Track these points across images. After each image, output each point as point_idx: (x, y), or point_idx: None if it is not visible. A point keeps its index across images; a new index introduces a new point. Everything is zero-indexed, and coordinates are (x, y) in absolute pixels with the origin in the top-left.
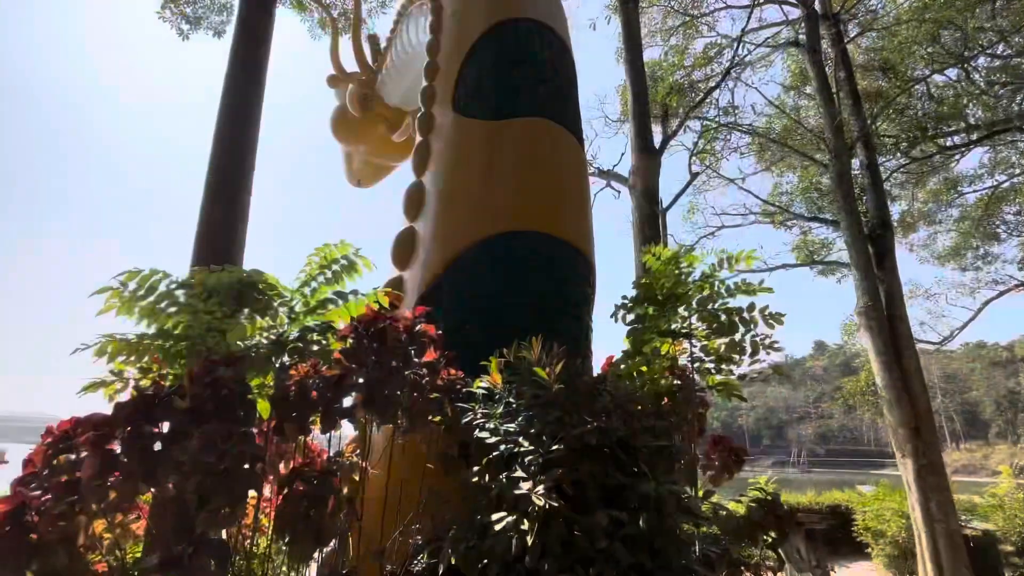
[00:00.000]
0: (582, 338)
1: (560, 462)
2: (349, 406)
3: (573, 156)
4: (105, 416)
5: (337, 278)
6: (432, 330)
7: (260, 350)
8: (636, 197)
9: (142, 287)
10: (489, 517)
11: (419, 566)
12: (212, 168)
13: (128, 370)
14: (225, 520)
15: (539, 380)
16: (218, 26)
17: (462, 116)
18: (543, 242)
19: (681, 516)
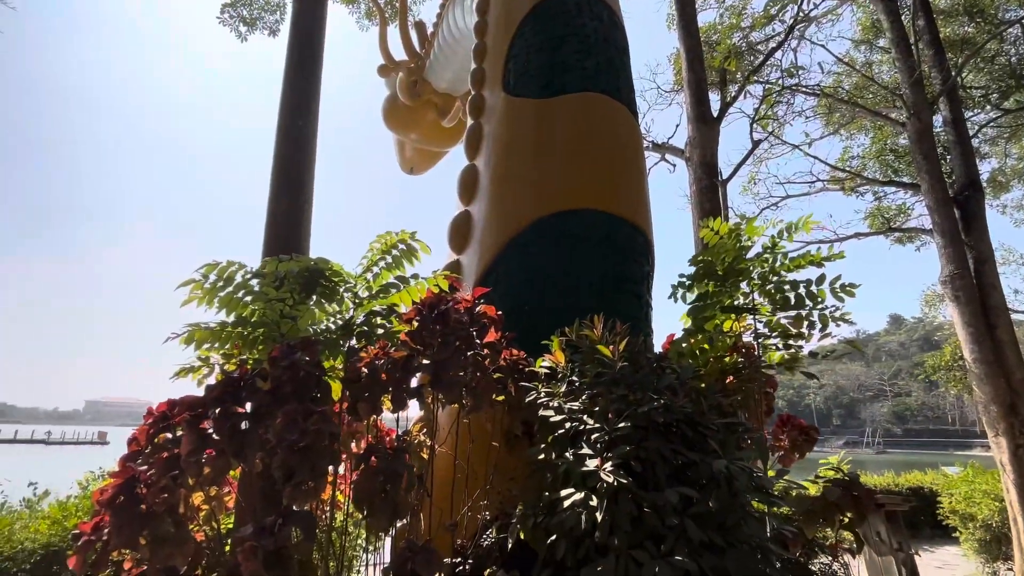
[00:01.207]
0: (642, 317)
1: (627, 439)
2: (417, 386)
3: (627, 130)
4: (197, 398)
5: (397, 263)
6: (492, 311)
7: (330, 334)
8: (693, 169)
9: (221, 278)
10: (556, 494)
11: (488, 541)
12: (276, 162)
13: (213, 356)
14: (308, 494)
15: (602, 358)
16: (273, 25)
17: (512, 96)
18: (599, 220)
19: (753, 494)
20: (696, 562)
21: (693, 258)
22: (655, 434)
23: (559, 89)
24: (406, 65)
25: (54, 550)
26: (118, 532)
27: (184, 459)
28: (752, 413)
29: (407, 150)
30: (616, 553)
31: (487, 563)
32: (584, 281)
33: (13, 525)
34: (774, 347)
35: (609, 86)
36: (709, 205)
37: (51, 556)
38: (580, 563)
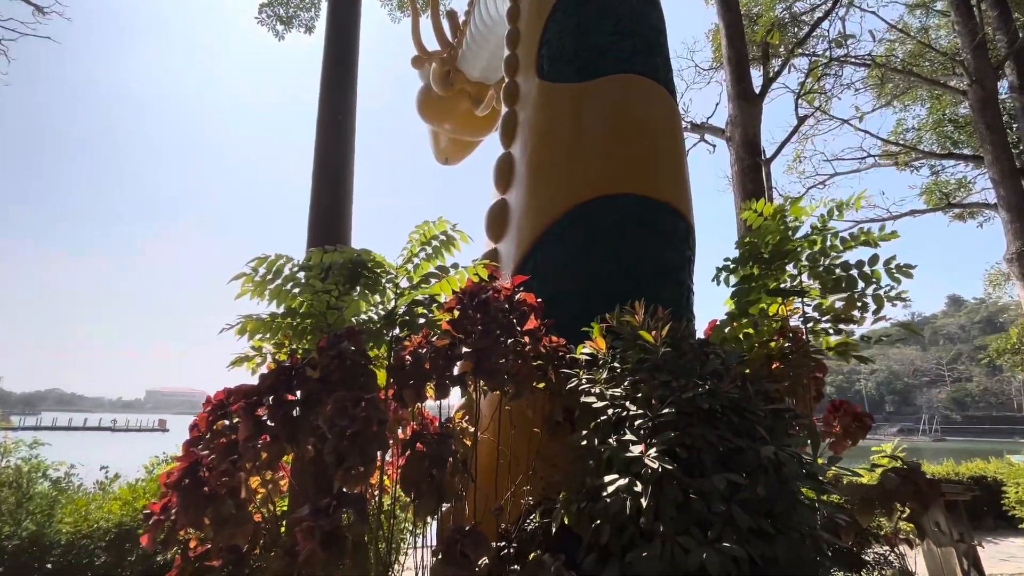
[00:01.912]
0: (683, 302)
1: (671, 426)
2: (460, 373)
3: (665, 111)
4: (252, 386)
5: (437, 253)
6: (532, 299)
7: (373, 324)
8: (735, 149)
9: (270, 271)
10: (600, 480)
11: (531, 525)
12: (317, 157)
13: (265, 346)
14: (359, 478)
15: (644, 344)
16: (308, 22)
17: (547, 82)
18: (638, 204)
19: (803, 481)
20: (745, 549)
21: (739, 240)
22: (700, 420)
23: (595, 72)
24: (439, 55)
25: (126, 529)
26: (184, 512)
27: (242, 444)
28: (800, 399)
29: (441, 140)
30: (662, 539)
31: (531, 547)
32: (623, 267)
33: (89, 506)
34: (824, 331)
35: (646, 67)
36: (752, 186)
37: (123, 534)
38: (625, 548)
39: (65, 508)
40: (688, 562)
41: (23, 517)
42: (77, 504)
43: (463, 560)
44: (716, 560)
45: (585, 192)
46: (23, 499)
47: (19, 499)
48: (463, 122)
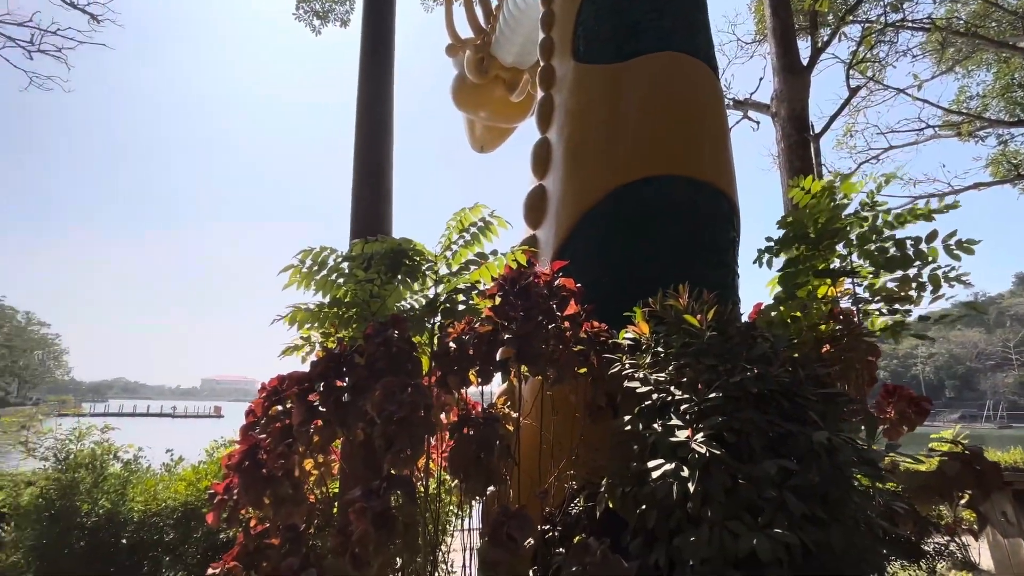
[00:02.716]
0: (729, 285)
1: (718, 410)
2: (503, 359)
3: (707, 88)
4: (304, 373)
5: (475, 240)
6: (572, 284)
7: (415, 312)
8: (781, 125)
9: (316, 262)
10: (645, 464)
11: (575, 509)
12: (357, 149)
13: (313, 335)
14: (407, 461)
15: (689, 328)
16: (344, 16)
17: (583, 64)
18: (680, 185)
19: (858, 467)
20: (797, 535)
21: (782, 220)
22: (748, 405)
23: (633, 52)
24: (472, 42)
25: (191, 507)
26: (246, 492)
27: (296, 428)
28: (853, 384)
29: (477, 128)
30: (710, 524)
31: (575, 531)
32: (666, 250)
33: (157, 486)
34: (877, 312)
35: (686, 44)
36: (800, 163)
37: (189, 512)
38: (671, 533)
39: (136, 488)
40: (737, 547)
41: (99, 496)
42: (147, 484)
43: (509, 542)
44: (767, 546)
45: (625, 175)
46: (99, 479)
47: (95, 479)
48: (498, 109)
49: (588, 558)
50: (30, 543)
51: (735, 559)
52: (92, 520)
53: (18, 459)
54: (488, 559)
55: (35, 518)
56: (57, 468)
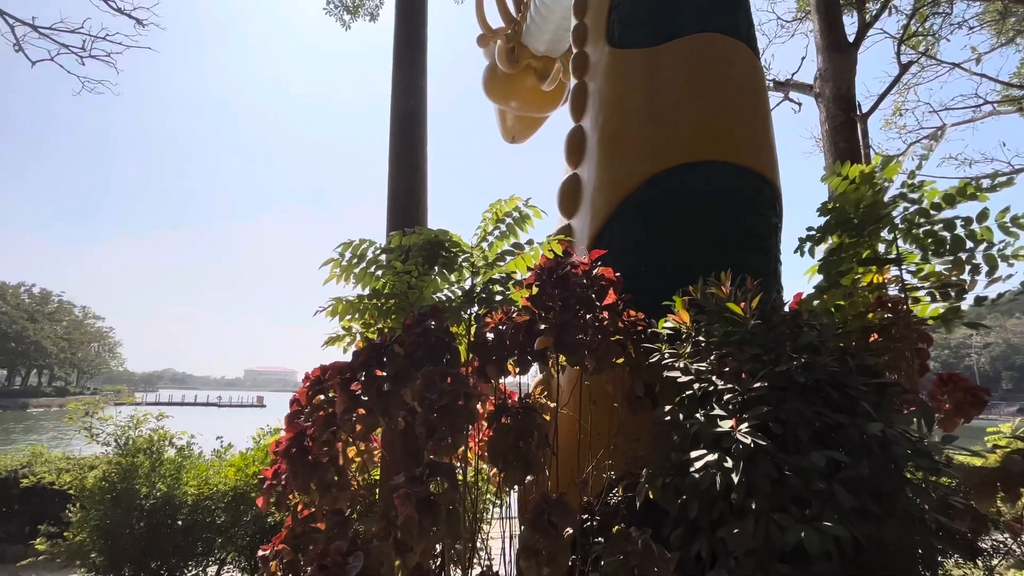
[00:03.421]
0: (771, 273)
1: (762, 400)
2: (540, 349)
3: (748, 70)
4: (346, 363)
5: (511, 231)
6: (610, 273)
7: (452, 303)
8: (825, 105)
9: (355, 255)
10: (686, 455)
11: (614, 499)
12: (392, 143)
13: (353, 326)
14: (448, 448)
15: (732, 317)
16: (373, 10)
17: (618, 49)
18: (720, 171)
19: (914, 460)
20: (848, 529)
21: (822, 207)
22: (794, 395)
23: (670, 34)
24: (503, 32)
25: (240, 492)
26: (293, 477)
27: (339, 417)
28: (904, 374)
29: (508, 119)
30: (755, 516)
31: (614, 520)
32: (705, 238)
33: (208, 471)
34: (926, 299)
35: (725, 24)
36: (846, 145)
37: (238, 497)
38: (714, 524)
39: (189, 473)
40: (784, 540)
41: (156, 480)
42: (199, 469)
43: (551, 528)
44: (815, 539)
45: (662, 161)
46: (156, 464)
47: (152, 464)
48: (529, 98)
49: (630, 547)
50: (95, 523)
51: (781, 552)
52: (150, 502)
53: (80, 444)
54: (529, 545)
55: (99, 500)
56: (118, 453)
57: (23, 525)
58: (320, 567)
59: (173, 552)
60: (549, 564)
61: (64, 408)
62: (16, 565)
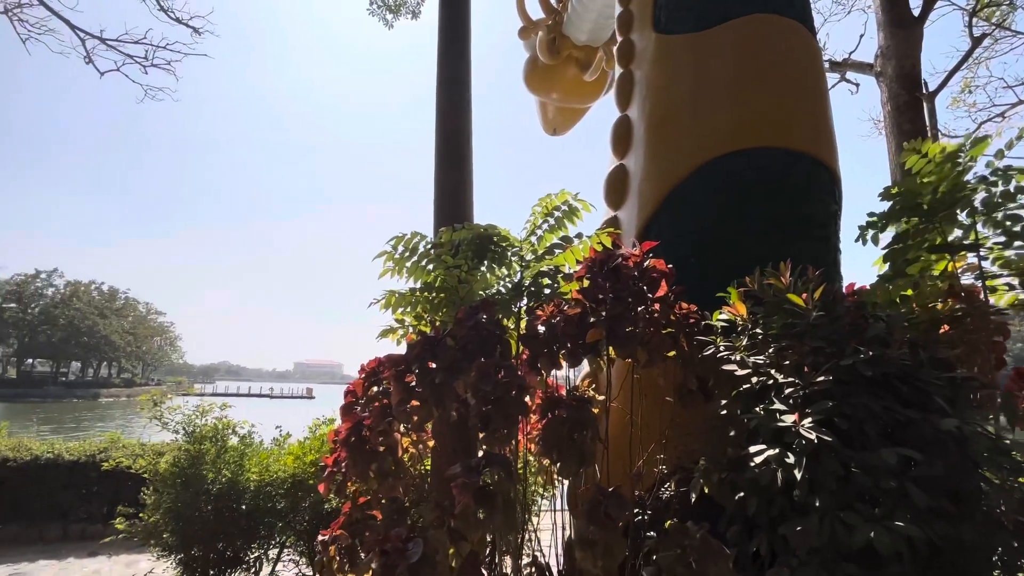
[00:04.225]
0: (830, 262)
1: (826, 394)
2: (592, 342)
3: (804, 50)
4: (400, 356)
5: (560, 224)
6: (662, 265)
7: (502, 296)
8: (888, 85)
9: (407, 248)
10: (743, 450)
11: (666, 493)
12: (438, 138)
13: (405, 319)
14: (502, 440)
15: (792, 308)
16: (415, 8)
17: (665, 35)
18: (775, 157)
19: (993, 458)
20: (922, 529)
21: (885, 191)
22: (861, 389)
23: (720, 17)
24: (544, 23)
25: (299, 479)
26: (353, 465)
27: (395, 408)
28: (979, 368)
29: (549, 111)
30: (820, 513)
31: (667, 515)
32: (760, 227)
33: (268, 459)
34: (1005, 287)
35: (779, 3)
36: (911, 126)
37: (297, 483)
38: (773, 521)
39: (251, 460)
40: (851, 539)
41: (222, 466)
42: (260, 457)
43: (607, 520)
44: (887, 539)
45: (712, 149)
46: (221, 451)
47: (218, 451)
48: (571, 89)
49: (687, 541)
50: (167, 506)
51: (848, 551)
52: (217, 487)
53: (146, 431)
54: (584, 536)
55: (170, 484)
56: (186, 440)
57: (101, 506)
58: (381, 552)
59: (238, 535)
60: (605, 555)
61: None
62: (99, 543)
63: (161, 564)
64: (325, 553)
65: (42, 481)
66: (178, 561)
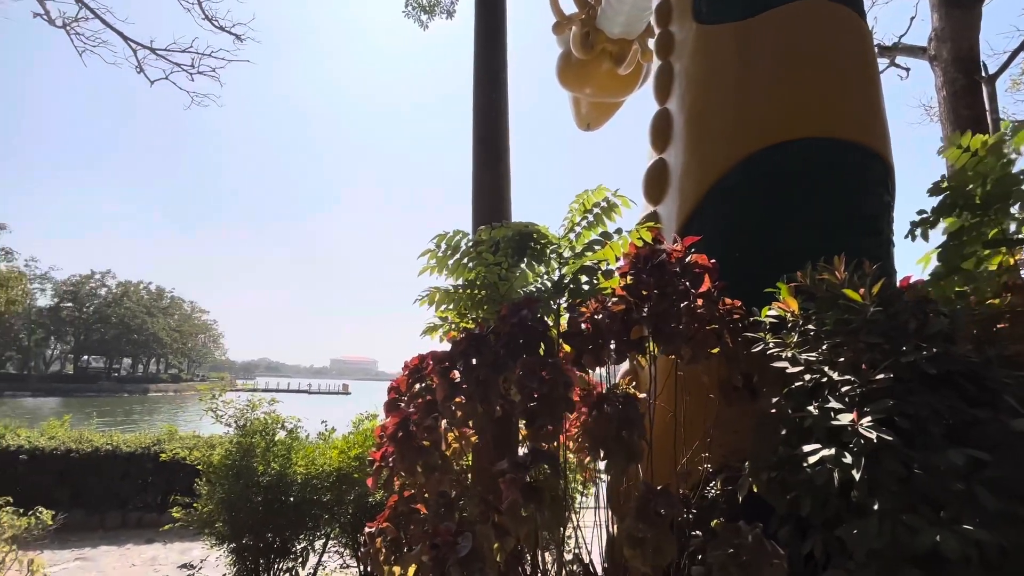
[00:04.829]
0: (883, 256)
1: (886, 393)
2: (637, 338)
3: (853, 36)
4: (445, 352)
5: (598, 221)
6: (705, 260)
7: (541, 293)
8: (943, 68)
9: (449, 246)
10: (795, 449)
11: (712, 492)
12: (475, 135)
13: (448, 316)
14: (548, 436)
15: (848, 303)
16: (449, 7)
17: (706, 25)
18: (823, 148)
19: None
20: (992, 534)
21: (934, 186)
22: (922, 387)
23: (764, 5)
24: (577, 18)
25: (343, 473)
26: (401, 460)
27: (440, 404)
28: None
29: (582, 106)
30: (880, 515)
31: (711, 514)
32: (807, 221)
33: (314, 453)
34: None
35: None
36: (968, 112)
37: (342, 477)
38: (827, 522)
39: (298, 454)
40: (915, 542)
41: (271, 459)
42: (307, 451)
43: (657, 517)
44: (955, 543)
45: (757, 141)
46: (270, 444)
47: (267, 444)
48: (605, 83)
49: (738, 540)
50: (220, 496)
51: (911, 555)
52: (266, 479)
53: (191, 426)
54: (634, 534)
55: (223, 475)
56: (238, 433)
57: (156, 495)
58: (431, 546)
59: (286, 525)
60: (654, 553)
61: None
62: (156, 531)
63: (214, 552)
64: (372, 545)
65: (102, 471)
66: (230, 550)
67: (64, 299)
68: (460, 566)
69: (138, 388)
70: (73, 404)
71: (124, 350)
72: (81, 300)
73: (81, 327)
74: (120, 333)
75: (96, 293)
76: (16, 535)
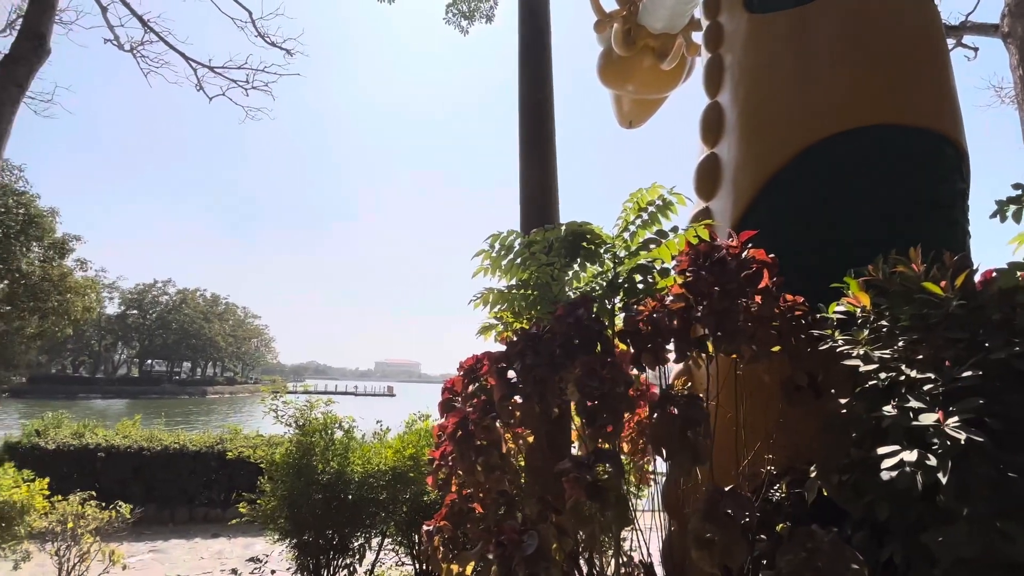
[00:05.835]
0: (958, 245)
1: (973, 391)
2: (698, 337)
3: (920, 16)
4: (501, 353)
5: (653, 219)
6: (763, 255)
7: (596, 292)
8: (1018, 46)
9: (503, 247)
10: (870, 451)
11: (776, 495)
12: (522, 137)
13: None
14: (610, 435)
15: (926, 297)
16: (488, 12)
17: (758, 14)
18: (890, 135)
19: None
20: None
21: None
22: (1015, 385)
23: None
24: (619, 15)
25: (398, 472)
26: (461, 458)
27: (498, 403)
28: None
29: (624, 104)
30: (970, 521)
31: (776, 517)
32: (875, 211)
33: (370, 452)
34: None
35: None
36: None
37: (396, 476)
38: (908, 528)
39: (355, 453)
40: (1013, 550)
41: (330, 457)
42: (363, 450)
43: (726, 518)
44: None
45: (817, 131)
46: (328, 444)
47: (326, 443)
48: (647, 80)
49: (813, 544)
50: (282, 493)
51: (1008, 564)
52: (325, 477)
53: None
54: (701, 536)
55: (285, 472)
56: (298, 433)
57: (220, 492)
58: (497, 544)
59: (344, 523)
60: (723, 555)
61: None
62: (222, 525)
63: (277, 547)
64: (429, 543)
65: (171, 468)
66: (292, 545)
67: (130, 307)
68: (526, 564)
69: (197, 390)
70: (139, 405)
71: (184, 354)
72: (145, 307)
73: (145, 333)
74: (180, 338)
75: (158, 301)
76: (99, 527)
